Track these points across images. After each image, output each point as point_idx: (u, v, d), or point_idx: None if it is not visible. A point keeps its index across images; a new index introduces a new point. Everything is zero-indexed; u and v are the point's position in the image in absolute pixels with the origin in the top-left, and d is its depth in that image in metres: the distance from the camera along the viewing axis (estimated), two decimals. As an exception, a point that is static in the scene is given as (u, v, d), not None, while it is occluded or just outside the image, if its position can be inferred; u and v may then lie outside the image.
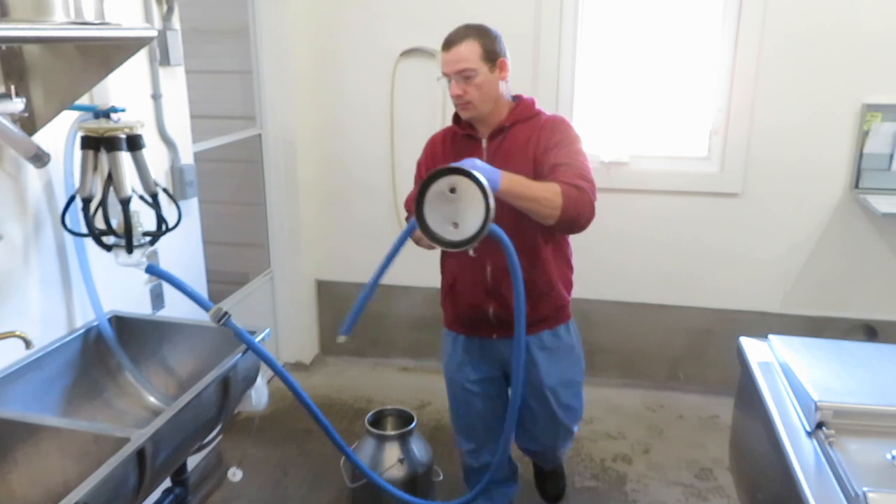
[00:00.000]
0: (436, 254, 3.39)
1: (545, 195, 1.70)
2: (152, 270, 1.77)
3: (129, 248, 1.71)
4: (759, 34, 2.88)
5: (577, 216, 1.73)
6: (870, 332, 3.10)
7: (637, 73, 3.07)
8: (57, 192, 1.79)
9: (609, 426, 3.02)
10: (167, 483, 1.95)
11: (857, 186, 2.95)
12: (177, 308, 2.27)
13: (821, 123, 2.93)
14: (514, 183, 1.66)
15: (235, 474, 2.04)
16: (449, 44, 1.83)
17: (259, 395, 1.92)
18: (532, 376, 2.05)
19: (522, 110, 1.91)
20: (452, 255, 2.02)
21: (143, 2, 2.08)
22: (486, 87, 1.83)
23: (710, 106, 3.04)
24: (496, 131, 1.91)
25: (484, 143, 1.93)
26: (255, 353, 1.74)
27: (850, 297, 3.11)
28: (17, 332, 1.50)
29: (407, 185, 3.34)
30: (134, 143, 1.68)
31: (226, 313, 1.69)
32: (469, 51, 1.79)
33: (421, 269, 3.45)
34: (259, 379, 1.89)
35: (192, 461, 2.50)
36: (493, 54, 1.82)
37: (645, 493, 2.59)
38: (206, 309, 1.77)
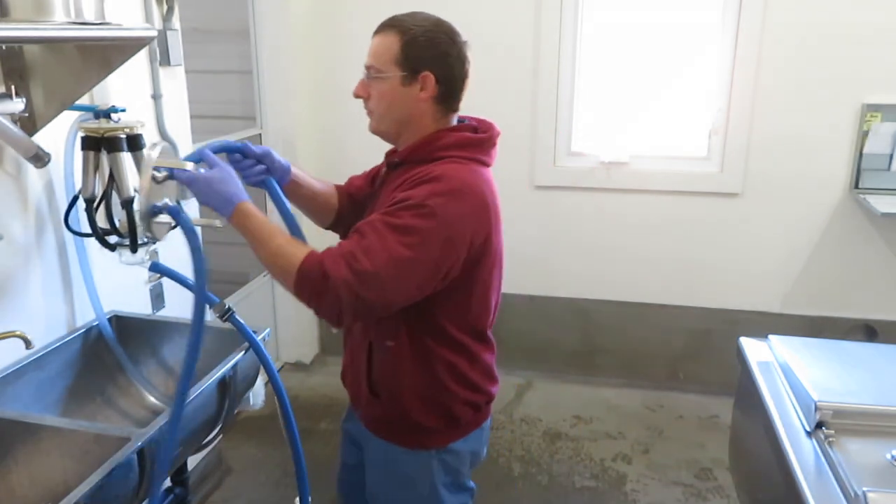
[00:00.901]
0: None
1: (277, 261, 1.28)
2: (157, 268, 1.79)
3: (134, 247, 1.72)
4: (758, 34, 2.88)
5: (311, 305, 1.25)
6: (870, 332, 3.10)
7: (637, 72, 3.07)
8: (57, 192, 1.79)
9: (609, 426, 3.02)
10: (167, 483, 1.95)
11: (856, 186, 2.95)
12: (177, 308, 2.27)
13: (821, 123, 2.93)
14: (245, 227, 1.30)
15: None
16: (375, 30, 1.37)
17: (256, 396, 1.92)
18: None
19: (419, 148, 1.37)
20: None
21: (143, 2, 2.08)
22: (389, 99, 1.35)
23: (710, 106, 3.04)
24: (392, 165, 1.46)
25: (382, 172, 1.53)
26: (254, 351, 1.74)
27: (850, 297, 3.11)
28: (18, 332, 1.50)
29: (407, 185, 3.34)
30: (134, 143, 1.69)
31: (230, 309, 1.70)
32: (384, 46, 1.33)
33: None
34: (258, 380, 1.89)
35: (193, 461, 2.50)
36: (415, 62, 1.31)
37: (645, 493, 2.59)
38: (211, 304, 1.77)
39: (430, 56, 1.32)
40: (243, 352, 1.71)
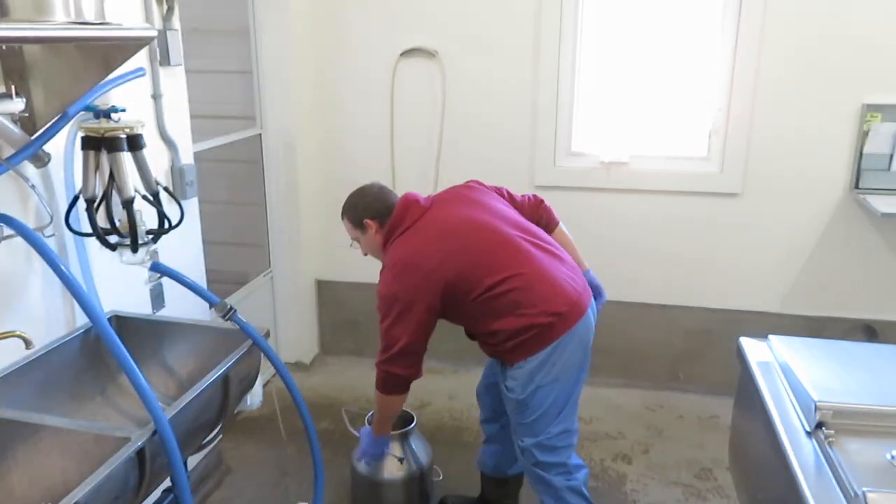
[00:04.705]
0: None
1: (380, 412, 2.11)
2: (157, 268, 1.79)
3: (135, 247, 1.72)
4: (758, 34, 2.88)
5: (395, 395, 2.01)
6: (870, 332, 3.10)
7: (637, 72, 3.07)
8: (57, 192, 1.79)
9: (609, 426, 3.02)
10: (167, 483, 1.95)
11: (857, 186, 2.95)
12: (177, 308, 2.27)
13: (821, 123, 2.93)
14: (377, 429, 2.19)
15: None
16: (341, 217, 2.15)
17: (253, 396, 1.93)
18: None
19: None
20: None
21: (143, 2, 2.08)
22: (368, 246, 2.10)
23: (710, 106, 3.04)
24: None
25: None
26: (259, 348, 1.74)
27: (850, 297, 3.11)
28: (18, 332, 1.50)
29: (406, 183, 3.35)
30: (134, 143, 1.69)
31: (231, 308, 1.70)
32: (347, 227, 2.10)
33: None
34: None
35: (193, 461, 2.50)
36: (357, 223, 2.06)
37: (645, 493, 2.59)
38: (212, 303, 1.78)
39: (359, 214, 2.06)
40: (244, 351, 1.71)
